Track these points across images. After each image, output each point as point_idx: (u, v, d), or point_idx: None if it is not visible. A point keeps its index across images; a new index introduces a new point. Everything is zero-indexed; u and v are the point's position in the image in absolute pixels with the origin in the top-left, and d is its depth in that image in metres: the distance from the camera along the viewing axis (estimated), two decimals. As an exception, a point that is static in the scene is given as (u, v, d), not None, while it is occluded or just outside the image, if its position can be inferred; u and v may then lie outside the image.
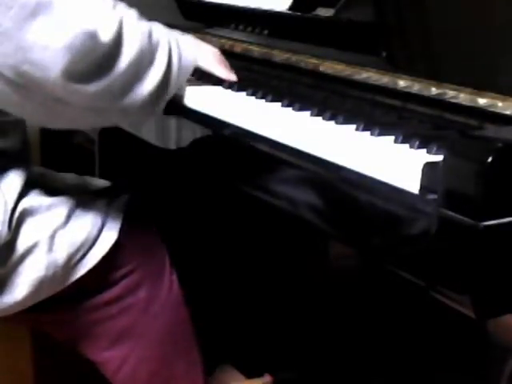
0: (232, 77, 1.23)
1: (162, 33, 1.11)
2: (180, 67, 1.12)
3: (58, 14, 0.97)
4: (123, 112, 1.08)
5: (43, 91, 1.00)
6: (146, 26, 1.09)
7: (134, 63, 1.04)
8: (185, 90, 1.19)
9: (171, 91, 1.12)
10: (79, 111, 1.05)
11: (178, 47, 1.13)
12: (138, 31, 1.06)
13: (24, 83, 0.99)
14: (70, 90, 1.00)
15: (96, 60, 1.00)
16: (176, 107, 1.19)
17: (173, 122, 1.29)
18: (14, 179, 1.10)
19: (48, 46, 0.95)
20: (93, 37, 0.99)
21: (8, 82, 0.99)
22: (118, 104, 1.05)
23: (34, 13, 0.95)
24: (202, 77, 1.28)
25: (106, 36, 1.00)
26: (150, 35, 1.08)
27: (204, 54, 1.22)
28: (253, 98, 1.17)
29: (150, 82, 1.07)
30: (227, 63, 1.25)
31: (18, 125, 1.16)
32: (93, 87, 1.00)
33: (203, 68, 1.22)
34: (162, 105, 1.12)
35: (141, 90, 1.06)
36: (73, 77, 0.98)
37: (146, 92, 1.07)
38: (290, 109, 1.09)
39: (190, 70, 1.16)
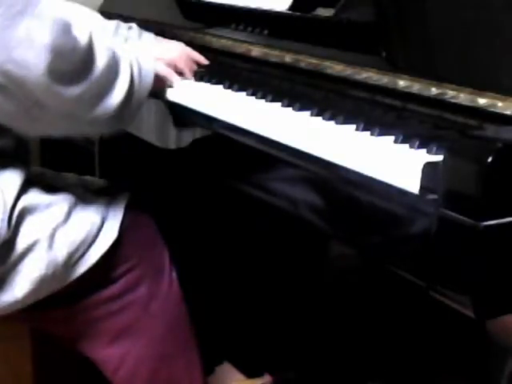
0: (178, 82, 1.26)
1: (120, 46, 1.15)
2: (141, 80, 1.14)
3: (43, 12, 0.98)
4: (92, 122, 1.09)
5: (24, 92, 1.00)
6: (107, 38, 1.14)
7: (105, 71, 1.06)
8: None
9: (134, 104, 1.13)
10: (53, 117, 1.06)
11: (138, 61, 1.15)
12: (104, 43, 1.08)
13: (6, 83, 0.99)
14: (50, 92, 1.00)
15: (74, 62, 1.02)
16: (174, 105, 1.19)
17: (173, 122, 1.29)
18: (13, 178, 1.10)
19: (32, 45, 0.97)
20: (70, 37, 1.01)
21: None
22: (91, 112, 1.07)
23: (22, 12, 0.97)
24: (202, 78, 1.28)
25: (82, 39, 1.03)
26: (112, 48, 1.10)
27: (161, 63, 1.25)
28: (253, 97, 1.17)
29: (117, 94, 1.09)
30: (195, 55, 1.31)
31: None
32: (71, 91, 1.02)
33: (160, 75, 1.24)
34: (128, 117, 1.14)
35: (110, 100, 1.08)
36: (54, 77, 0.99)
37: (115, 103, 1.09)
38: (290, 109, 1.09)
39: (150, 82, 1.17)
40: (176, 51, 1.31)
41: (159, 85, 1.24)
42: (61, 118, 1.06)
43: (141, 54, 1.18)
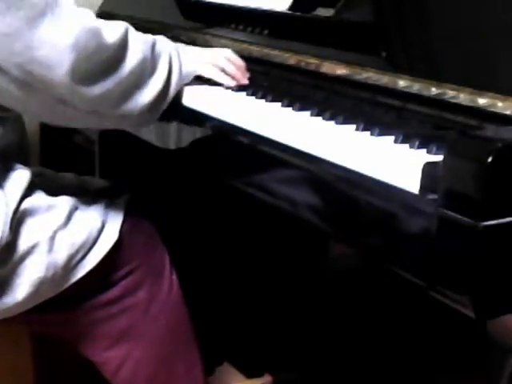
0: (232, 83, 1.23)
1: (164, 45, 1.15)
2: (179, 79, 1.16)
3: (65, 14, 1.00)
4: (122, 118, 1.10)
5: (47, 90, 1.02)
6: (150, 37, 1.13)
7: (136, 71, 1.07)
8: (183, 93, 1.20)
9: (168, 101, 1.15)
10: (79, 113, 1.07)
11: (179, 60, 1.16)
12: (141, 41, 1.10)
13: (29, 81, 1.01)
14: (74, 91, 1.02)
15: (100, 62, 1.03)
16: (176, 110, 1.19)
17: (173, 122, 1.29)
18: (18, 180, 1.10)
19: (54, 44, 0.98)
20: (96, 36, 1.02)
21: (14, 80, 1.01)
22: (117, 110, 1.08)
23: (43, 13, 0.98)
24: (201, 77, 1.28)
25: (110, 39, 1.04)
26: (153, 46, 1.12)
27: (206, 65, 1.23)
28: (253, 97, 1.17)
29: (149, 92, 1.10)
30: (241, 67, 1.25)
31: (16, 123, 1.17)
32: (95, 90, 1.03)
33: (205, 76, 1.23)
34: (159, 113, 1.15)
35: (140, 98, 1.09)
36: (77, 77, 1.00)
37: (146, 101, 1.10)
38: (289, 109, 1.09)
39: (189, 80, 1.19)
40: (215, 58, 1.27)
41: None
42: (87, 113, 1.08)
43: (185, 53, 1.19)
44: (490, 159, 0.73)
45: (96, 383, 1.30)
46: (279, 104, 1.12)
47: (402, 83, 1.05)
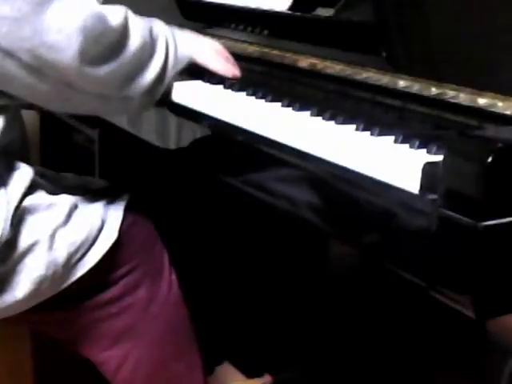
0: (227, 72, 1.24)
1: (160, 28, 1.18)
2: (175, 61, 1.17)
3: None
4: (125, 101, 1.12)
5: (57, 74, 1.03)
6: (146, 20, 1.16)
7: (138, 52, 1.10)
8: (173, 85, 1.21)
9: (166, 83, 1.17)
10: (86, 97, 1.09)
11: (175, 42, 1.18)
12: (140, 25, 1.12)
13: (39, 66, 1.02)
14: (81, 73, 1.03)
15: (106, 44, 1.05)
16: (175, 106, 1.19)
17: (173, 122, 1.29)
18: (20, 178, 1.11)
19: (62, 28, 1.00)
20: (102, 20, 1.04)
21: (23, 66, 1.02)
22: (122, 92, 1.10)
23: None
24: (201, 77, 1.28)
25: (114, 22, 1.06)
26: (150, 29, 1.14)
27: (201, 49, 1.25)
28: (253, 97, 1.17)
29: (149, 73, 1.12)
30: (230, 60, 1.27)
31: (16, 121, 1.17)
32: (101, 71, 1.05)
33: (199, 63, 1.24)
34: (158, 96, 1.17)
35: (142, 80, 1.12)
36: (85, 59, 1.02)
37: (146, 82, 1.12)
38: (289, 109, 1.09)
39: (185, 63, 1.21)
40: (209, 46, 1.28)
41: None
42: (92, 97, 1.09)
43: (181, 37, 1.21)
44: (489, 159, 0.73)
45: (96, 383, 1.31)
46: (279, 104, 1.12)
47: (402, 83, 1.05)
